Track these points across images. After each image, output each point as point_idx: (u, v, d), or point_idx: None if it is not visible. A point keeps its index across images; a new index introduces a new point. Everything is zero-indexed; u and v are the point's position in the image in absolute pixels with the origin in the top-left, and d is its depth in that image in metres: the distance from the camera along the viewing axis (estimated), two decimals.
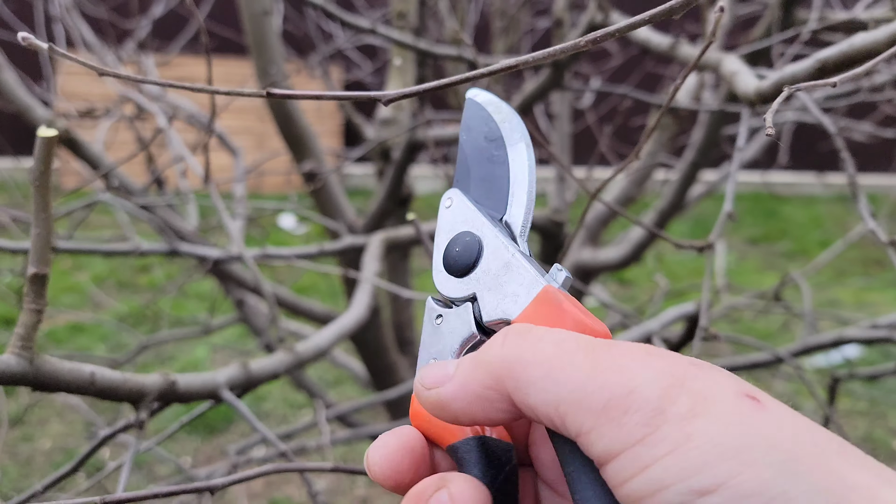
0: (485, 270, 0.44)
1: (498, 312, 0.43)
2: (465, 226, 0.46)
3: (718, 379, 0.34)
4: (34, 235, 0.57)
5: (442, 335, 0.45)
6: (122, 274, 4.89)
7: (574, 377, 0.35)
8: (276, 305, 1.12)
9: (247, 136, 6.34)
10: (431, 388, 0.39)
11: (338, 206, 1.82)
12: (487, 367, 0.37)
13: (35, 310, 0.58)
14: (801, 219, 6.67)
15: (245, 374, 0.83)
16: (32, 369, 0.59)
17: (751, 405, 0.33)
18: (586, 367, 0.35)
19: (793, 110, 1.55)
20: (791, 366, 1.38)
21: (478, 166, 0.48)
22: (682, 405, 0.33)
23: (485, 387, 0.37)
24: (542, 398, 0.35)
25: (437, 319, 0.45)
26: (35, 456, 3.00)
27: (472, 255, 0.44)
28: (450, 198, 0.48)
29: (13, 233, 1.76)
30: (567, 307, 0.40)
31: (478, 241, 0.45)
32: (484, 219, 0.45)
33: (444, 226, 0.47)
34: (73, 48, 2.67)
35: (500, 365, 0.37)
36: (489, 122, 0.48)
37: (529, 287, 0.42)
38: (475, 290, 0.44)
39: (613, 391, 0.34)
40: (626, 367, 0.35)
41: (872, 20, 1.08)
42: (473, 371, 0.38)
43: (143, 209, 1.48)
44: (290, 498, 2.85)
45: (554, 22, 1.74)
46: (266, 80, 1.70)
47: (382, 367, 1.93)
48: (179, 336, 3.01)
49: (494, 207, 0.47)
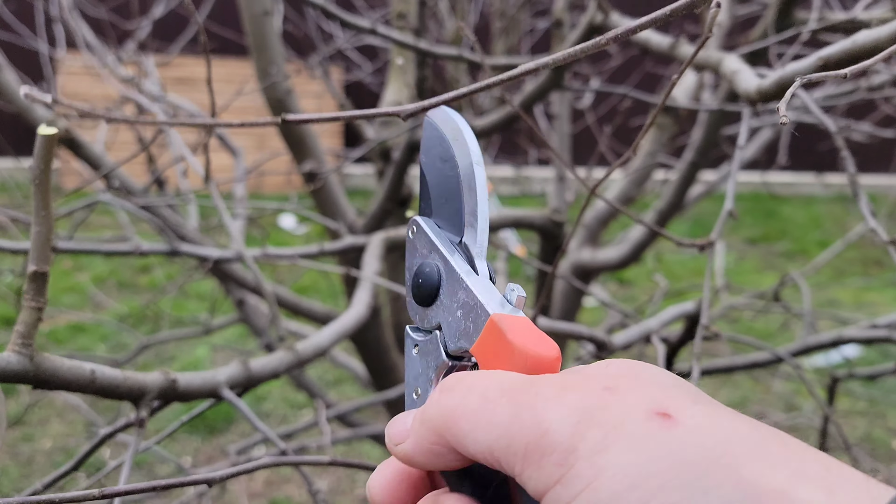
0: (444, 301, 0.45)
1: (458, 343, 0.44)
2: (426, 255, 0.47)
3: (631, 400, 0.35)
4: (34, 233, 0.57)
5: (419, 363, 0.46)
6: (123, 274, 4.90)
7: (498, 425, 0.37)
8: (276, 305, 1.13)
9: (247, 136, 6.34)
10: (398, 444, 0.42)
11: (338, 207, 1.82)
12: (429, 425, 0.40)
13: (35, 307, 0.58)
14: (801, 219, 6.67)
15: (245, 373, 0.83)
16: (33, 367, 0.59)
17: (660, 424, 0.33)
18: (507, 414, 0.37)
19: (792, 110, 1.55)
20: (790, 365, 1.38)
21: (436, 189, 0.48)
22: (593, 439, 0.34)
23: (431, 443, 0.39)
24: (476, 448, 0.37)
25: (414, 348, 0.47)
26: (36, 456, 3.00)
27: (433, 286, 0.46)
28: (413, 226, 0.49)
29: (13, 233, 1.76)
30: (511, 338, 0.41)
31: (437, 271, 0.46)
32: (443, 246, 0.46)
33: (409, 255, 0.48)
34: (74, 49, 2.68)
35: (439, 421, 0.39)
36: (443, 143, 0.48)
37: (477, 319, 0.43)
38: (439, 319, 0.46)
39: (530, 435, 0.35)
40: (541, 409, 0.36)
41: (872, 20, 1.08)
42: (420, 428, 0.40)
43: (143, 209, 1.48)
44: (290, 498, 2.85)
45: (553, 22, 1.74)
46: (266, 80, 1.70)
47: (383, 367, 1.94)
48: (180, 336, 3.02)
49: (453, 231, 0.47)
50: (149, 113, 1.77)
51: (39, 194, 0.57)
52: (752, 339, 1.62)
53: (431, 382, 0.45)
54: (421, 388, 0.46)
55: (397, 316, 2.09)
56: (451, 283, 0.45)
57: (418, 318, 0.47)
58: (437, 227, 0.48)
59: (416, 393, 0.46)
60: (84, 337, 3.97)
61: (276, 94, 1.73)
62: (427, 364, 0.46)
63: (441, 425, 0.39)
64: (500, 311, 0.42)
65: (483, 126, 1.75)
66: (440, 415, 0.39)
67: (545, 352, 0.41)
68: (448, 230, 0.48)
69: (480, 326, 0.43)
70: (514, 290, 0.44)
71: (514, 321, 0.42)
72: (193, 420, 0.86)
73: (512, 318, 0.42)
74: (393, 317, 2.08)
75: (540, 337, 0.42)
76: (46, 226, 0.57)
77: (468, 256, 0.46)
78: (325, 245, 1.36)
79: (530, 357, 0.41)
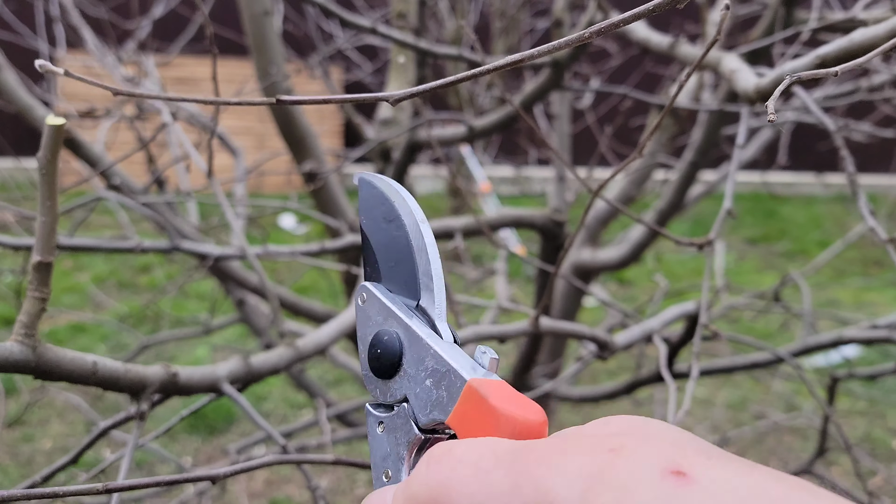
0: (408, 371, 0.42)
1: (431, 415, 0.41)
2: (381, 323, 0.44)
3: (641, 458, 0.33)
4: (40, 223, 0.57)
5: (386, 442, 0.43)
6: (123, 274, 4.90)
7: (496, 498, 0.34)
8: (278, 303, 1.13)
9: (247, 136, 6.35)
10: None
11: (338, 207, 1.82)
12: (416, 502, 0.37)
13: (39, 298, 0.58)
14: (801, 219, 6.67)
15: (246, 368, 0.83)
16: (35, 357, 0.59)
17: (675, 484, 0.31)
18: (506, 485, 0.34)
19: (792, 110, 1.56)
20: (791, 365, 1.38)
21: (384, 252, 0.46)
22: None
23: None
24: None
25: (378, 427, 0.44)
26: (36, 456, 3.00)
27: (393, 356, 0.43)
28: (362, 292, 0.45)
29: (15, 232, 1.76)
30: (494, 403, 0.38)
31: (396, 338, 0.43)
32: (398, 312, 0.43)
33: (361, 325, 0.45)
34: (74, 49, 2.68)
35: (426, 497, 0.36)
36: (385, 202, 0.46)
37: (450, 387, 0.40)
38: (405, 391, 0.43)
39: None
40: (543, 477, 0.34)
41: (871, 20, 1.08)
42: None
43: (144, 206, 1.48)
44: (290, 498, 2.85)
45: (553, 22, 1.74)
46: (266, 80, 1.70)
47: None
48: (180, 336, 3.02)
49: (408, 294, 0.44)
50: (149, 113, 1.77)
51: (46, 185, 0.56)
52: (752, 339, 1.62)
53: (403, 461, 0.42)
54: (392, 469, 0.43)
55: None
56: (415, 350, 0.42)
57: (379, 392, 0.44)
58: (389, 291, 0.45)
59: (385, 476, 0.43)
60: (84, 337, 3.97)
61: (277, 94, 1.73)
62: (396, 441, 0.43)
63: (430, 501, 0.36)
64: (475, 376, 0.40)
65: (483, 126, 1.75)
66: (428, 489, 0.36)
67: (532, 416, 0.39)
68: (402, 294, 0.45)
69: (456, 394, 0.40)
70: (486, 353, 0.41)
71: (493, 385, 0.39)
72: (194, 420, 0.86)
73: (490, 381, 0.39)
74: None
75: (523, 401, 0.39)
76: (52, 216, 0.57)
77: (428, 320, 0.43)
78: (326, 243, 1.36)
79: (518, 423, 0.38)
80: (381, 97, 0.48)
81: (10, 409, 3.02)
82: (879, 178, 6.42)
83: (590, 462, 0.33)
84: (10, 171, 3.83)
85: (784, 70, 0.79)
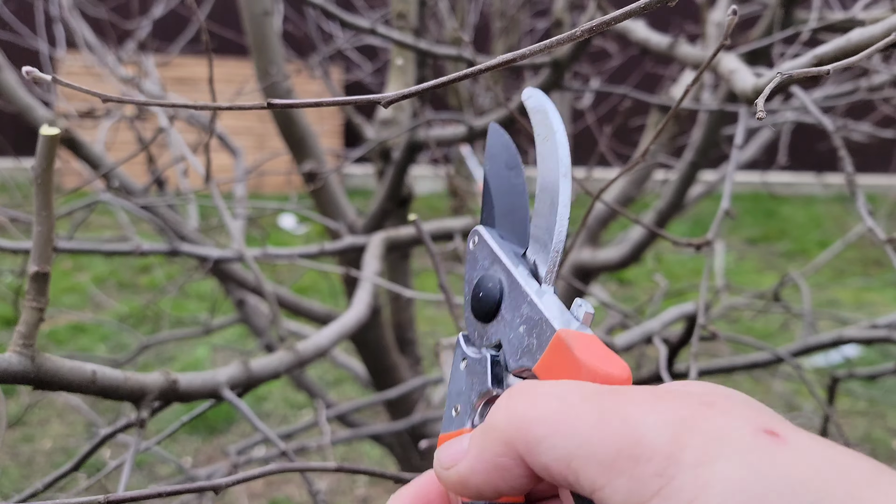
0: (505, 317, 0.42)
1: (520, 361, 0.41)
2: (487, 267, 0.44)
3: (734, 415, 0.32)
4: (36, 233, 0.57)
5: (464, 380, 0.44)
6: (123, 274, 4.90)
7: (580, 430, 0.33)
8: (277, 305, 1.13)
9: (247, 136, 6.35)
10: (450, 468, 0.38)
11: (338, 207, 1.82)
12: (496, 434, 0.36)
13: (36, 308, 0.58)
14: (800, 219, 6.67)
15: (246, 373, 0.83)
16: (34, 368, 0.59)
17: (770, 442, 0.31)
18: (592, 419, 0.33)
19: (791, 110, 1.56)
20: (791, 365, 1.38)
21: (501, 198, 0.46)
22: (696, 449, 0.31)
23: (497, 455, 0.35)
24: (552, 456, 0.33)
25: (462, 362, 0.44)
26: (36, 457, 3.00)
27: (493, 301, 0.43)
28: (474, 236, 0.46)
29: (14, 234, 1.76)
30: (578, 354, 0.38)
31: (499, 284, 0.43)
32: (506, 258, 0.43)
33: (469, 267, 0.45)
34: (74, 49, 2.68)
35: (507, 428, 0.35)
36: (509, 150, 0.46)
37: (541, 336, 0.40)
38: (500, 335, 0.43)
39: (621, 442, 0.32)
40: (632, 415, 0.33)
41: (870, 20, 1.08)
42: (484, 440, 0.36)
43: (143, 209, 1.48)
44: (290, 498, 2.86)
45: (553, 22, 1.74)
46: (266, 80, 1.70)
47: (383, 367, 1.94)
48: (180, 336, 3.02)
49: (518, 242, 0.45)
50: (149, 113, 1.77)
51: (41, 194, 0.57)
52: (752, 339, 1.62)
53: (473, 407, 0.43)
54: (461, 407, 0.43)
55: (397, 316, 2.09)
56: (514, 296, 0.42)
57: (476, 334, 0.44)
58: (501, 238, 0.45)
59: (455, 410, 0.43)
60: (84, 337, 3.97)
61: (276, 94, 1.73)
62: (471, 385, 0.43)
63: (511, 433, 0.35)
64: (567, 328, 0.39)
65: (483, 126, 1.75)
66: (509, 421, 0.35)
67: (616, 371, 0.38)
68: (512, 241, 0.45)
69: (545, 343, 0.40)
70: (582, 307, 0.40)
71: (582, 338, 0.39)
72: (194, 420, 0.86)
73: (580, 334, 0.39)
74: (393, 317, 2.08)
75: (609, 355, 0.38)
76: (48, 226, 0.57)
77: (533, 269, 0.43)
78: (326, 245, 1.36)
79: (600, 377, 0.37)
80: (373, 99, 0.48)
81: (10, 410, 3.02)
82: (879, 178, 6.42)
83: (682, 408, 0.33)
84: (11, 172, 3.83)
85: (782, 70, 0.79)
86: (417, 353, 2.14)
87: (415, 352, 2.12)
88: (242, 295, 2.01)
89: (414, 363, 2.10)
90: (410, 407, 1.93)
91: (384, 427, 1.83)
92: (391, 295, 2.01)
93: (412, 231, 1.43)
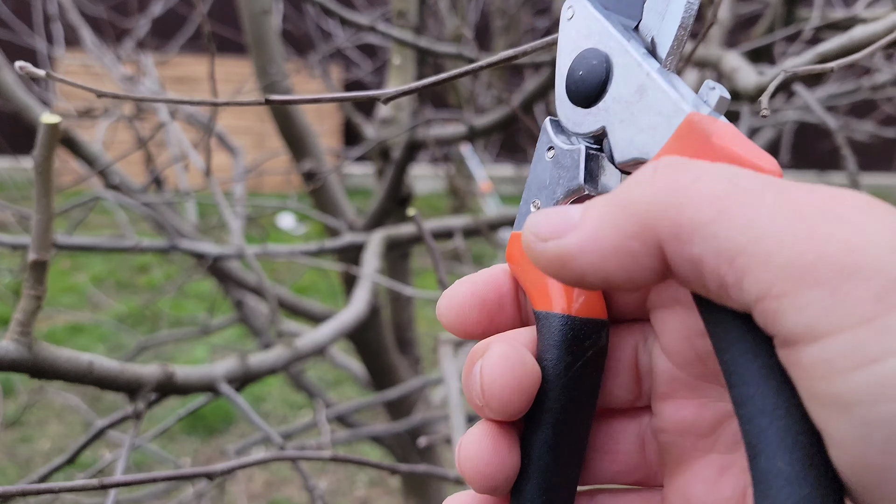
0: (615, 97, 0.35)
1: (632, 150, 0.34)
2: (589, 41, 0.36)
3: None
4: (35, 221, 0.57)
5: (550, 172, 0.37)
6: (121, 274, 4.89)
7: (762, 221, 0.25)
8: (276, 304, 1.12)
9: (246, 135, 6.34)
10: (549, 240, 0.29)
11: (337, 206, 1.82)
12: (631, 210, 0.28)
13: (34, 296, 0.58)
14: None
15: (243, 368, 0.83)
16: (31, 356, 0.59)
17: None
18: (781, 210, 0.25)
19: (794, 109, 1.55)
20: None
21: None
22: None
23: (627, 235, 0.27)
24: (712, 246, 0.25)
25: (548, 152, 0.37)
26: (34, 457, 3.00)
27: (598, 79, 0.35)
28: (570, 6, 0.37)
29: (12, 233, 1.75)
30: (718, 140, 0.30)
31: (605, 60, 0.35)
32: (613, 30, 0.35)
33: (565, 43, 0.37)
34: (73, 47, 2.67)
35: (651, 206, 0.27)
36: None
37: (670, 116, 0.32)
38: (604, 122, 0.35)
39: (827, 246, 0.24)
40: (845, 218, 0.24)
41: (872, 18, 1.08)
42: (611, 216, 0.28)
43: (142, 206, 1.47)
44: (289, 499, 2.85)
45: (554, 21, 1.73)
46: (265, 79, 1.69)
47: (382, 367, 1.93)
48: (178, 336, 3.01)
49: (627, 13, 0.36)
50: (147, 112, 1.76)
51: (41, 183, 0.56)
52: None
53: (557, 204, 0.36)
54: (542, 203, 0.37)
55: (397, 316, 2.08)
56: (626, 74, 0.34)
57: (570, 121, 0.37)
58: (605, 8, 0.37)
59: (534, 205, 0.37)
60: (82, 337, 3.96)
61: (275, 93, 1.72)
62: (558, 179, 0.36)
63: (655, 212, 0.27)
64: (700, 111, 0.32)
65: (483, 125, 1.74)
66: (656, 198, 0.27)
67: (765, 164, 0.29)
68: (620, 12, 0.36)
69: (670, 129, 0.32)
70: (715, 90, 0.32)
71: (719, 124, 0.31)
72: (192, 421, 0.86)
73: (715, 120, 0.31)
74: (393, 317, 2.07)
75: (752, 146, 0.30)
76: (47, 214, 0.57)
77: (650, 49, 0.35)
78: (325, 243, 1.35)
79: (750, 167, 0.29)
80: (372, 95, 0.47)
81: (8, 410, 3.01)
82: (881, 177, 6.43)
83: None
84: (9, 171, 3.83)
85: (785, 67, 0.79)
86: (417, 353, 2.13)
87: (414, 352, 2.12)
88: (241, 295, 2.01)
89: (413, 363, 2.09)
90: (410, 407, 1.92)
91: (384, 428, 1.82)
92: (391, 295, 2.00)
93: (412, 229, 1.42)
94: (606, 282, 0.29)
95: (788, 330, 0.24)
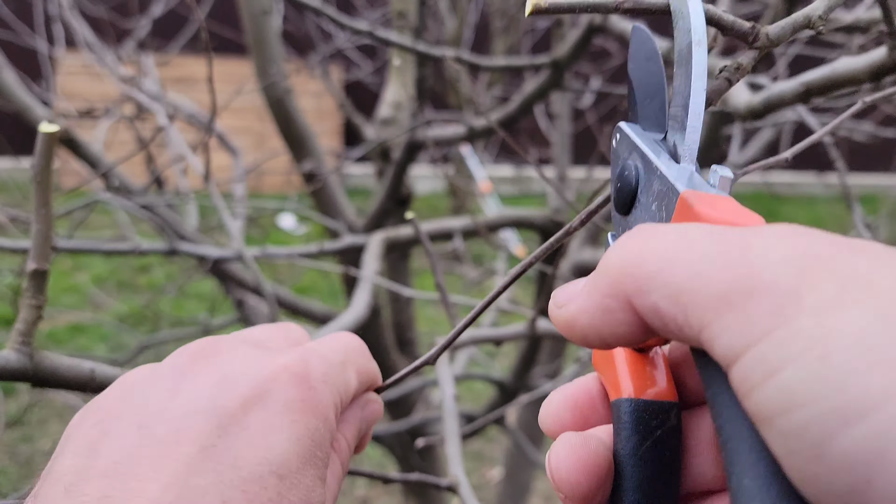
0: (642, 202, 0.40)
1: None
2: (626, 159, 0.42)
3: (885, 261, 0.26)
4: (34, 231, 0.57)
5: None
6: (122, 274, 4.89)
7: (693, 262, 0.28)
8: (276, 305, 1.12)
9: (246, 135, 6.34)
10: (562, 307, 0.34)
11: (338, 206, 1.82)
12: (606, 272, 0.32)
13: (35, 306, 0.58)
14: (802, 219, 6.67)
15: None
16: (32, 365, 0.59)
17: None
18: (708, 251, 0.28)
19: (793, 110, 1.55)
20: None
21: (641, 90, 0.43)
22: (826, 291, 0.25)
23: (604, 295, 0.31)
24: (662, 293, 0.29)
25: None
26: (35, 456, 3.00)
27: (630, 188, 0.40)
28: (617, 133, 0.43)
29: (13, 234, 1.76)
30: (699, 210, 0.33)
31: (634, 170, 0.40)
32: (641, 144, 0.40)
33: (613, 165, 0.43)
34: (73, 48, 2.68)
35: (617, 265, 0.31)
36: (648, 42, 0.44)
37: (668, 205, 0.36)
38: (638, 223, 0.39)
39: (736, 273, 0.27)
40: (755, 246, 0.27)
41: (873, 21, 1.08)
42: (595, 280, 0.32)
43: (142, 209, 1.48)
44: None
45: (554, 22, 1.73)
46: (265, 79, 1.69)
47: (383, 367, 1.92)
48: (179, 336, 3.01)
49: (657, 128, 0.42)
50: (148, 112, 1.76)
51: (40, 192, 0.56)
52: None
53: None
54: None
55: (397, 316, 2.08)
56: (648, 177, 0.39)
57: (620, 229, 0.42)
58: (642, 130, 0.42)
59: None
60: (83, 337, 3.97)
61: (276, 94, 1.73)
62: None
63: (621, 270, 0.31)
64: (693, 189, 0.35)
65: (483, 126, 1.74)
66: (621, 258, 0.31)
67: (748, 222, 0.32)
68: (652, 130, 0.42)
69: (672, 210, 0.36)
70: (717, 171, 0.36)
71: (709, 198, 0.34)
72: None
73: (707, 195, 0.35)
74: (393, 317, 2.08)
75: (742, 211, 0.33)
76: (46, 224, 0.57)
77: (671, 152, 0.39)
78: (325, 244, 1.36)
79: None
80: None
81: (9, 410, 3.02)
82: (880, 177, 6.43)
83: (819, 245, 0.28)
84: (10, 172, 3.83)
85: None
86: (417, 353, 2.14)
87: (414, 352, 2.12)
88: (242, 295, 2.01)
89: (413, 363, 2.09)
90: (410, 407, 1.92)
91: (383, 428, 1.83)
92: (391, 295, 2.00)
93: (412, 231, 1.43)
94: (602, 340, 0.32)
95: (720, 355, 0.27)
